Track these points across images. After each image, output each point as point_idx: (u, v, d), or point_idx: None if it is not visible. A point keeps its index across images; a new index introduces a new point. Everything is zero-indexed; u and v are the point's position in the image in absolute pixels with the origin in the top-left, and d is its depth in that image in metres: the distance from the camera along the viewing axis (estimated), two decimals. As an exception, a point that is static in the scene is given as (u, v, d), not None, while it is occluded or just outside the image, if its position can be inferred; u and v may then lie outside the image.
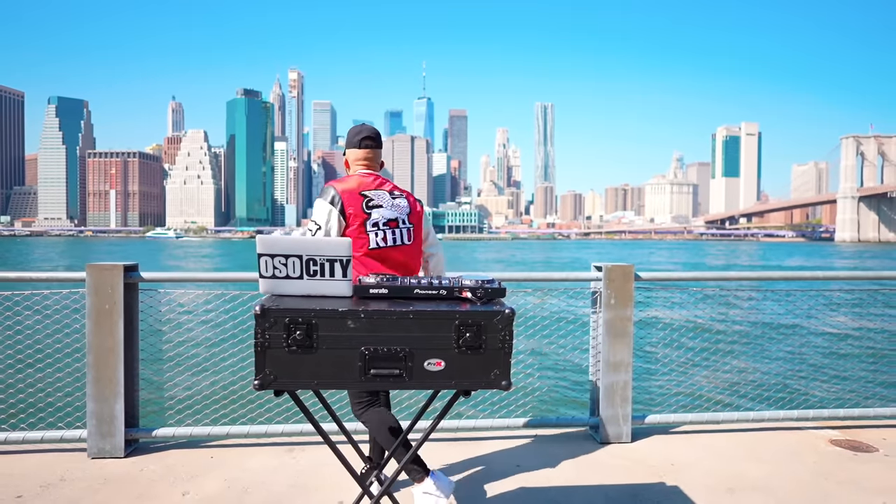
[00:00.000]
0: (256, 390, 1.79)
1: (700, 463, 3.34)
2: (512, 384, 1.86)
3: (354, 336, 1.78)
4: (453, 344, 1.81)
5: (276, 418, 3.76)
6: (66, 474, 3.13)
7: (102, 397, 3.35)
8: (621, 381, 3.67)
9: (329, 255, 1.92)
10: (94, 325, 3.33)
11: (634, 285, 3.69)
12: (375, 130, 2.74)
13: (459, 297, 1.97)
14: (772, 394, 4.36)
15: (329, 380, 1.80)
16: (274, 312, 1.76)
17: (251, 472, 3.19)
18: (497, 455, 3.43)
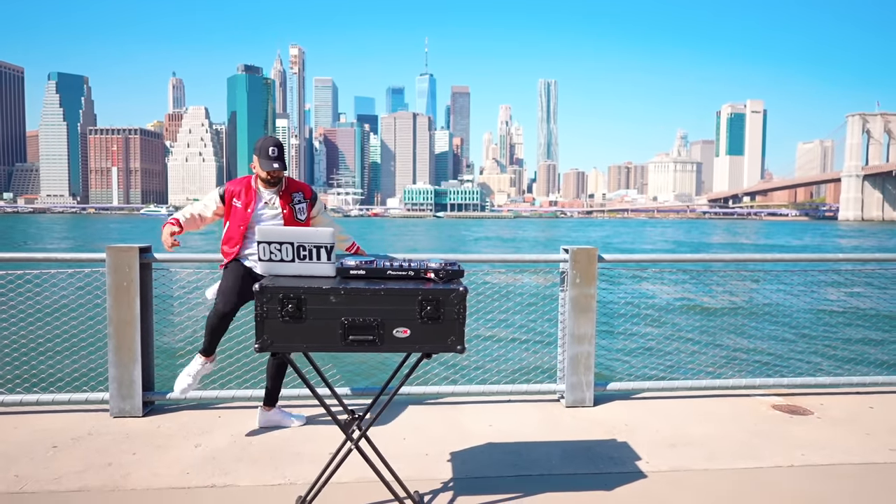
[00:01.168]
0: (256, 352, 2.20)
1: (650, 424, 3.77)
2: (466, 348, 2.27)
3: (336, 308, 2.19)
4: (417, 316, 2.22)
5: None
6: (92, 430, 3.58)
7: (122, 364, 3.79)
8: (585, 351, 4.10)
9: (316, 242, 2.32)
10: (113, 300, 3.76)
11: (598, 266, 4.09)
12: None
13: (424, 277, 2.38)
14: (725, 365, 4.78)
15: (316, 344, 2.22)
16: (271, 289, 2.17)
17: (253, 429, 3.64)
18: (473, 417, 3.88)
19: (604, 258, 4.12)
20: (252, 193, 3.33)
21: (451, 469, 3.11)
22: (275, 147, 3.27)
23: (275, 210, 3.35)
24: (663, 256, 4.22)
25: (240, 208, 3.31)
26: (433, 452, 3.32)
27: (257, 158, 3.30)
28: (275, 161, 3.25)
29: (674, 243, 55.13)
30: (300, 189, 3.44)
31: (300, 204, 3.41)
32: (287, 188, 3.40)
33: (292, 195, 3.39)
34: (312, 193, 3.49)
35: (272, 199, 3.36)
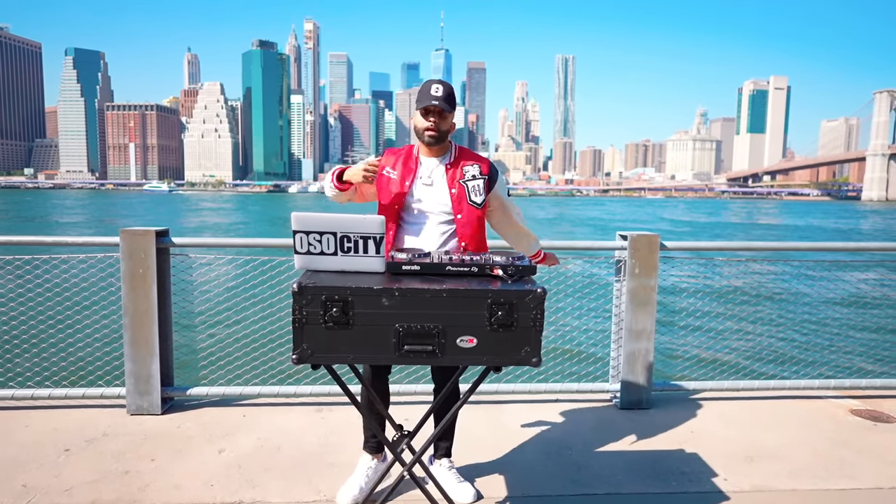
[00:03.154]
0: (295, 364, 1.85)
1: (718, 430, 3.40)
2: (542, 360, 1.91)
3: (389, 313, 1.82)
4: (485, 322, 1.85)
5: (305, 379, 3.88)
6: (108, 429, 3.29)
7: (139, 357, 3.49)
8: (643, 348, 3.72)
9: (363, 231, 1.95)
10: (128, 288, 3.44)
11: (659, 255, 3.68)
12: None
13: (490, 275, 2.00)
14: (793, 363, 4.38)
15: (364, 354, 1.86)
16: (311, 290, 1.81)
17: (282, 430, 3.33)
18: (519, 418, 3.53)
19: (666, 246, 3.71)
20: (412, 163, 2.46)
21: (504, 484, 2.76)
22: (439, 85, 2.36)
23: (439, 187, 2.43)
24: (734, 245, 3.80)
25: (394, 180, 2.43)
26: (482, 461, 2.98)
27: (417, 112, 2.40)
28: (435, 100, 2.32)
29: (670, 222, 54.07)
30: (476, 161, 2.50)
31: (475, 181, 2.46)
32: (458, 158, 2.48)
33: (464, 169, 2.45)
34: (492, 169, 2.51)
35: (437, 170, 2.45)
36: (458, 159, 2.48)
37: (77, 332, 3.75)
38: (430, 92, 2.36)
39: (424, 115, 2.37)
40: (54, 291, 3.63)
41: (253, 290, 3.76)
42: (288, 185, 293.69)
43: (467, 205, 2.44)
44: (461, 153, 2.51)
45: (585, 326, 4.29)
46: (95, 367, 3.76)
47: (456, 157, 2.49)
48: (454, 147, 2.51)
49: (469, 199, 2.44)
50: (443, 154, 2.48)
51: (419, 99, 2.39)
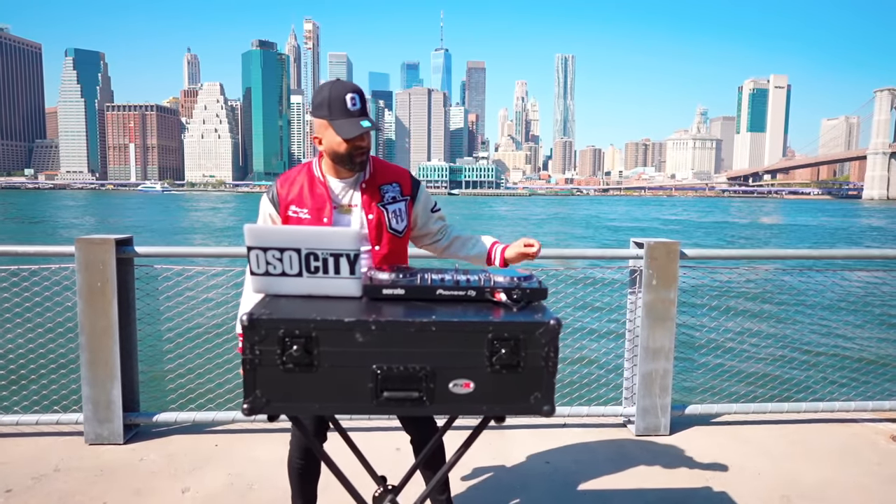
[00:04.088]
0: (246, 415, 1.48)
1: (747, 463, 3.03)
2: (555, 409, 1.53)
3: (364, 352, 1.45)
4: (485, 362, 1.47)
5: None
6: (60, 463, 2.92)
7: (98, 381, 3.12)
8: (661, 369, 3.34)
9: (333, 248, 1.57)
10: (85, 304, 3.06)
11: (679, 264, 3.31)
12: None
13: (491, 300, 1.63)
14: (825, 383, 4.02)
15: (333, 403, 1.48)
16: (265, 323, 1.44)
17: (258, 463, 2.96)
18: (524, 448, 3.16)
19: (686, 254, 3.34)
20: (322, 190, 1.93)
21: (507, 534, 2.39)
22: (355, 94, 1.83)
23: (355, 214, 1.94)
24: (762, 252, 3.42)
25: (308, 220, 1.92)
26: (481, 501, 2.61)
27: (325, 122, 1.84)
28: (361, 116, 1.83)
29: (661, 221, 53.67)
30: (395, 178, 2.00)
31: (395, 203, 1.97)
32: (374, 175, 1.97)
33: (382, 189, 1.96)
34: (413, 184, 2.02)
35: (348, 194, 1.95)
36: (375, 175, 1.97)
37: (31, 351, 3.37)
38: (346, 107, 1.81)
39: (352, 140, 1.83)
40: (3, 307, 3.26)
41: (227, 303, 3.39)
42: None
43: (387, 233, 1.95)
44: (377, 167, 1.99)
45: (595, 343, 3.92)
46: (51, 391, 3.39)
47: (372, 172, 1.97)
48: (370, 161, 1.96)
49: (388, 226, 1.95)
50: (355, 173, 1.94)
51: (333, 116, 1.82)
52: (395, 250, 2.00)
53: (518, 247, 2.03)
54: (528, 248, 2.01)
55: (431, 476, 2.16)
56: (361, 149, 1.87)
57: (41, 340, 3.32)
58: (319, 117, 1.86)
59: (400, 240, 2.00)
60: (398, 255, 2.03)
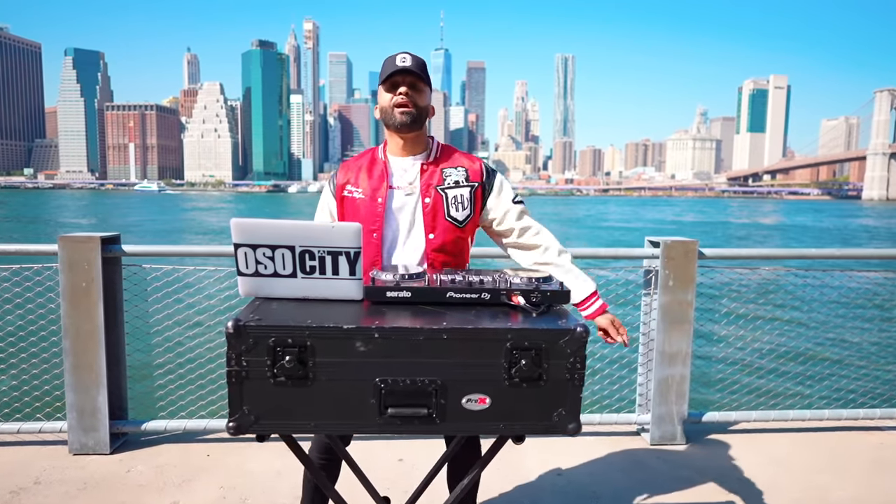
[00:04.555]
0: (232, 435, 1.31)
1: (772, 476, 2.85)
2: (581, 427, 1.36)
3: (366, 363, 1.27)
4: (503, 374, 1.30)
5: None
6: (42, 475, 2.74)
7: (83, 387, 2.94)
8: (677, 374, 3.17)
9: (332, 244, 1.40)
10: (69, 305, 2.89)
11: (697, 264, 3.14)
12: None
13: (508, 304, 1.45)
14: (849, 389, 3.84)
15: (331, 421, 1.31)
16: (253, 331, 1.26)
17: (251, 475, 2.78)
18: (533, 458, 2.98)
19: (704, 254, 3.17)
20: (381, 169, 1.79)
21: (519, 554, 2.22)
22: (406, 55, 1.75)
23: (414, 196, 1.77)
24: (783, 252, 3.25)
25: (361, 199, 1.78)
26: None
27: (380, 88, 1.79)
28: (401, 74, 1.72)
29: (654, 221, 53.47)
30: (464, 163, 1.82)
31: (457, 189, 1.78)
32: (440, 157, 1.82)
33: (445, 172, 1.79)
34: (486, 172, 1.84)
35: (408, 174, 1.79)
36: (440, 159, 1.82)
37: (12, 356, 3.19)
38: (395, 62, 1.74)
39: (391, 89, 1.75)
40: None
41: (220, 305, 3.21)
42: (287, 184, 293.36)
43: (443, 220, 1.77)
44: (444, 151, 1.85)
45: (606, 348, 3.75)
46: (34, 398, 3.21)
47: (437, 155, 1.83)
48: (435, 143, 1.85)
49: (447, 213, 1.77)
50: (419, 151, 1.81)
51: (382, 72, 1.77)
52: (453, 242, 1.80)
53: (607, 323, 1.80)
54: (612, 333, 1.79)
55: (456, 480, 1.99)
56: (403, 101, 1.73)
57: (23, 345, 3.14)
58: (380, 86, 1.80)
59: (459, 230, 1.80)
60: (456, 249, 1.82)
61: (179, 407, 3.24)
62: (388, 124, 1.78)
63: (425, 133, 1.84)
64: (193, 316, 3.20)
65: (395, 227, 1.79)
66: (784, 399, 3.78)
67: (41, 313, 3.14)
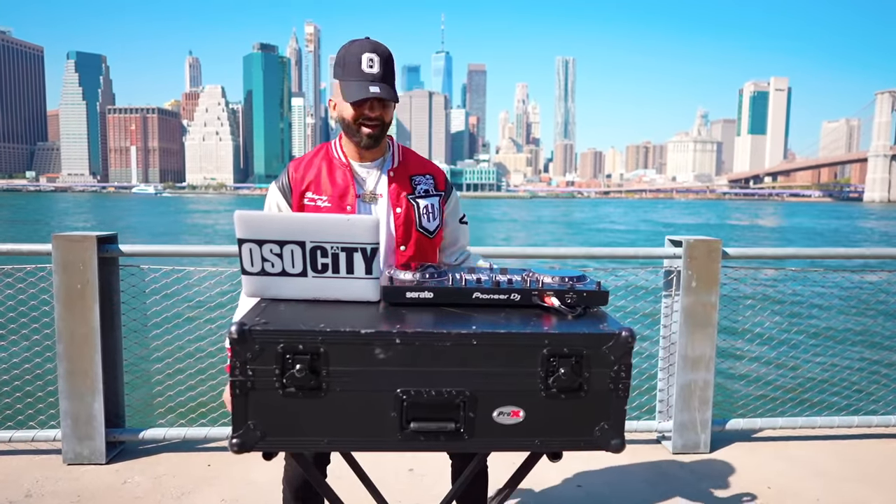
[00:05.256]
0: (235, 453, 1.17)
1: (802, 485, 2.71)
2: (625, 444, 1.22)
3: (386, 372, 1.14)
4: (539, 384, 1.16)
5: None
6: (34, 488, 2.61)
7: (77, 394, 2.80)
8: (701, 380, 3.03)
9: (347, 240, 1.26)
10: (63, 308, 2.75)
11: (721, 264, 2.99)
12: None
13: (540, 305, 1.31)
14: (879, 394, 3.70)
15: (347, 438, 1.17)
16: (260, 336, 1.12)
17: (254, 487, 2.64)
18: (548, 469, 2.84)
19: (728, 254, 3.03)
20: (343, 174, 1.64)
21: (541, 574, 2.08)
22: (374, 55, 1.52)
23: (381, 206, 1.64)
24: (811, 252, 3.11)
25: (329, 208, 1.62)
26: (507, 536, 2.29)
27: (338, 84, 1.57)
28: (372, 82, 1.51)
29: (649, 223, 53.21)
30: (428, 170, 1.72)
31: (427, 199, 1.68)
32: (404, 164, 1.69)
33: (414, 180, 1.68)
34: (446, 181, 1.74)
35: (373, 181, 1.65)
36: (404, 163, 1.69)
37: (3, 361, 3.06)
38: (361, 68, 1.51)
39: (358, 105, 1.55)
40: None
41: (221, 308, 3.08)
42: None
43: (415, 231, 1.64)
44: (406, 154, 1.72)
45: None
46: (27, 404, 3.07)
47: (401, 159, 1.69)
48: (395, 146, 1.70)
49: (418, 223, 1.65)
50: (381, 156, 1.66)
51: (345, 76, 1.54)
52: (424, 254, 1.68)
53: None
54: None
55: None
56: (371, 120, 1.56)
57: (15, 349, 3.00)
58: (335, 77, 1.59)
59: (430, 241, 1.68)
60: (427, 258, 1.70)
61: (179, 414, 3.11)
62: (350, 137, 1.61)
63: (385, 138, 1.67)
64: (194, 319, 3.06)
65: None
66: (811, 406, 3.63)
67: (34, 316, 3.00)
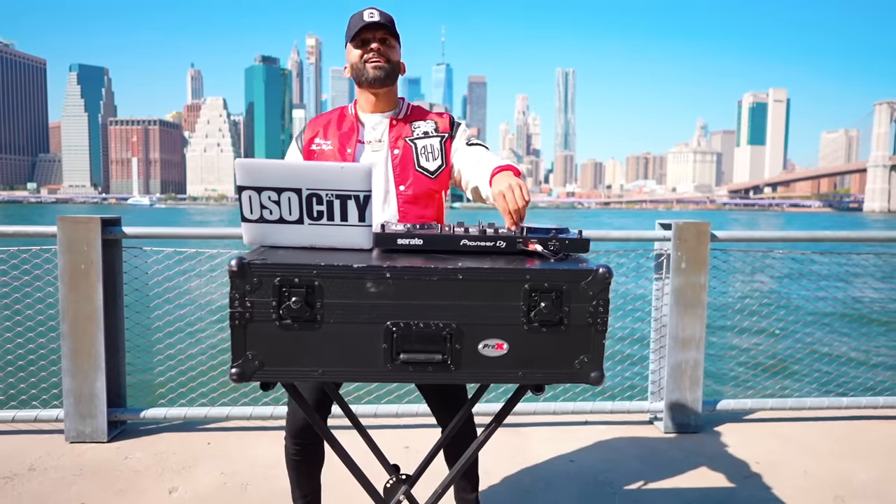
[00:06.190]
0: (235, 382, 1.23)
1: (789, 460, 2.76)
2: (605, 376, 1.29)
3: (377, 305, 1.20)
4: (522, 317, 1.23)
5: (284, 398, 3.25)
6: (36, 462, 2.66)
7: (80, 373, 2.86)
8: (691, 359, 3.09)
9: (340, 188, 1.34)
10: (67, 288, 2.82)
11: (710, 247, 3.07)
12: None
13: (525, 251, 1.38)
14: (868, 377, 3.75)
15: (340, 368, 1.24)
16: (258, 269, 1.19)
17: (253, 462, 2.70)
18: (544, 446, 2.89)
19: (717, 236, 3.10)
20: (350, 124, 1.77)
21: (532, 537, 2.13)
22: (373, 9, 1.71)
23: (382, 151, 1.74)
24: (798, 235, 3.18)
25: (331, 152, 1.74)
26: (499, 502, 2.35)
27: (349, 46, 1.73)
28: (370, 29, 1.67)
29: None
30: (430, 117, 1.82)
31: (427, 139, 1.76)
32: (409, 115, 1.80)
33: (414, 125, 1.77)
34: (452, 121, 1.82)
35: (377, 130, 1.75)
36: (410, 116, 1.80)
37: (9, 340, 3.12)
38: (363, 19, 1.68)
39: (361, 45, 1.70)
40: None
41: (223, 289, 3.14)
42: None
43: (414, 171, 1.72)
44: (415, 110, 1.83)
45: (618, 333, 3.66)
46: (30, 384, 3.12)
47: (408, 112, 1.81)
48: (406, 103, 1.83)
49: (416, 163, 1.73)
50: (390, 108, 1.78)
51: (350, 29, 1.71)
52: (426, 194, 1.74)
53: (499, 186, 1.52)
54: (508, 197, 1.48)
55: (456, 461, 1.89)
56: (373, 53, 1.68)
57: (20, 329, 3.07)
58: (346, 43, 1.73)
59: (431, 181, 1.75)
60: (429, 201, 1.76)
61: (180, 394, 3.17)
62: (360, 81, 1.73)
63: (396, 91, 1.81)
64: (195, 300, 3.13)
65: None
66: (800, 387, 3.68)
67: (39, 297, 3.07)
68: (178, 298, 3.06)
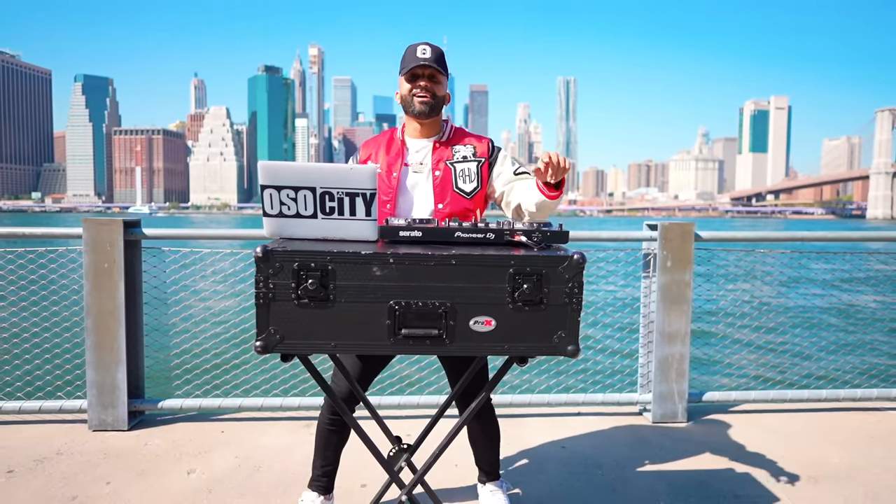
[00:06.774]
0: (259, 353, 1.43)
1: (769, 446, 2.93)
2: (580, 350, 1.47)
3: (382, 286, 1.40)
4: (507, 298, 1.42)
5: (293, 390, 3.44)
6: (63, 447, 2.85)
7: (103, 365, 3.06)
8: (677, 353, 3.27)
9: (349, 186, 1.53)
10: (91, 286, 3.02)
11: (694, 246, 3.25)
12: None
13: (511, 242, 1.58)
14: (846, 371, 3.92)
15: (350, 341, 1.43)
16: (280, 255, 1.39)
17: (264, 448, 2.88)
18: (539, 434, 3.07)
19: (701, 236, 3.29)
20: (398, 148, 2.01)
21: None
22: (426, 46, 1.93)
23: (426, 172, 1.97)
24: (779, 234, 3.36)
25: (379, 174, 1.95)
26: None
27: (401, 77, 1.97)
28: (424, 61, 1.89)
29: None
30: (471, 141, 2.03)
31: (465, 163, 1.97)
32: (451, 138, 2.03)
33: (454, 148, 1.99)
34: (492, 148, 2.04)
35: (422, 154, 1.99)
36: (452, 139, 2.03)
37: (35, 335, 3.31)
38: (415, 54, 1.92)
39: (412, 79, 1.94)
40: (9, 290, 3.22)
41: (234, 287, 3.34)
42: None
43: (452, 191, 1.95)
44: (457, 133, 2.06)
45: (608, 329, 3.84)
46: (55, 376, 3.32)
47: (450, 136, 2.03)
48: (449, 126, 2.06)
49: (455, 184, 1.95)
50: (434, 133, 2.02)
51: (403, 64, 1.95)
52: (461, 212, 1.96)
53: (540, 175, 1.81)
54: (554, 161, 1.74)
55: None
56: (421, 89, 1.92)
57: (46, 325, 3.27)
58: (399, 74, 1.96)
59: (468, 201, 1.98)
60: (464, 219, 1.91)
61: (195, 386, 3.35)
62: (407, 110, 1.98)
63: (440, 119, 2.04)
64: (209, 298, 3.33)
65: (408, 200, 1.98)
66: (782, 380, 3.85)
67: (64, 294, 3.27)
68: (193, 295, 3.25)
